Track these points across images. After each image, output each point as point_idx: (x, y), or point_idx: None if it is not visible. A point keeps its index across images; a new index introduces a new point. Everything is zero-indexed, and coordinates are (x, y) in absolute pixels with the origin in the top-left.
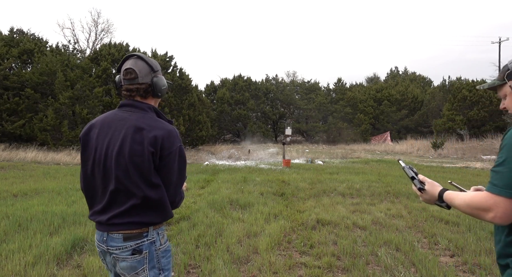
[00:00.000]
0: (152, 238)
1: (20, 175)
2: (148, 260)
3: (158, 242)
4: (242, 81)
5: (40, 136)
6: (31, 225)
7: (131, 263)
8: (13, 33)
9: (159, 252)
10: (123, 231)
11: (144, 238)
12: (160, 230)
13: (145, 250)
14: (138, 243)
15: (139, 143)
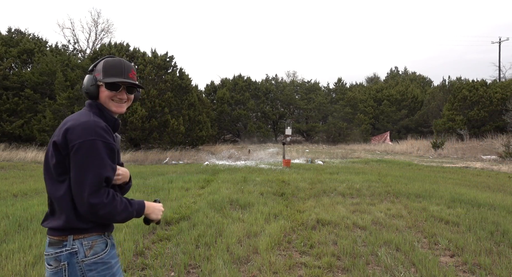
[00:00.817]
0: (73, 249)
1: (20, 175)
2: (68, 274)
3: (82, 253)
4: (242, 81)
5: (39, 137)
6: (31, 225)
7: (49, 274)
8: (11, 33)
9: (83, 265)
10: (48, 236)
11: (63, 248)
12: (85, 240)
13: (63, 261)
14: (57, 252)
15: (55, 136)
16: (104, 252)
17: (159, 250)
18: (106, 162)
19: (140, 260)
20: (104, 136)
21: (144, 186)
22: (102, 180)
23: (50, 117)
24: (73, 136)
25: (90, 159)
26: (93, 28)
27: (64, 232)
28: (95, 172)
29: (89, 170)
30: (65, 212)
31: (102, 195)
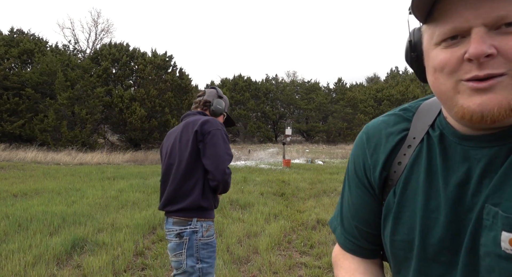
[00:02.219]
0: (195, 228)
1: (20, 175)
2: (187, 247)
3: (201, 233)
4: (242, 81)
5: (40, 136)
6: (31, 225)
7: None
8: (13, 33)
9: (199, 243)
10: (173, 217)
11: (187, 226)
12: (205, 223)
13: (186, 236)
14: (182, 229)
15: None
16: (213, 237)
17: (159, 250)
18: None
19: (140, 260)
20: (224, 129)
21: (144, 186)
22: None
23: (52, 117)
24: (208, 126)
25: (222, 143)
26: (93, 28)
27: (191, 213)
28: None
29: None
30: (194, 195)
31: (228, 169)
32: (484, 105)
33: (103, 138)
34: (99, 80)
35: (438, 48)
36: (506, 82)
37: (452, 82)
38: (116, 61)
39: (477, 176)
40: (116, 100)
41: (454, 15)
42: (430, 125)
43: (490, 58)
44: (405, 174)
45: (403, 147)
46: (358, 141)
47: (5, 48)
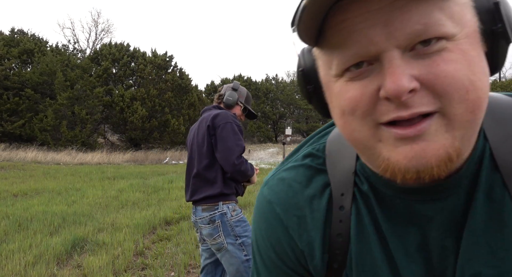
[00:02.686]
0: (223, 211)
1: (20, 175)
2: (222, 229)
3: (229, 214)
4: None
5: (40, 136)
6: (31, 225)
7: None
8: (14, 33)
9: (232, 222)
10: (201, 205)
11: (216, 211)
12: (230, 205)
13: (217, 220)
14: (211, 214)
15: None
16: (242, 213)
17: (159, 250)
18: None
19: (140, 260)
20: (236, 121)
21: (144, 186)
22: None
23: (51, 117)
24: (219, 120)
25: (233, 135)
26: (93, 28)
27: (216, 199)
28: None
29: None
30: (217, 184)
31: (241, 157)
32: (418, 159)
33: (103, 138)
34: (99, 80)
35: (341, 81)
36: (439, 123)
37: (369, 128)
38: (116, 61)
39: (438, 240)
40: (117, 99)
41: (354, 36)
42: (353, 173)
43: (413, 93)
44: (354, 249)
45: (334, 212)
46: (270, 217)
47: (6, 48)
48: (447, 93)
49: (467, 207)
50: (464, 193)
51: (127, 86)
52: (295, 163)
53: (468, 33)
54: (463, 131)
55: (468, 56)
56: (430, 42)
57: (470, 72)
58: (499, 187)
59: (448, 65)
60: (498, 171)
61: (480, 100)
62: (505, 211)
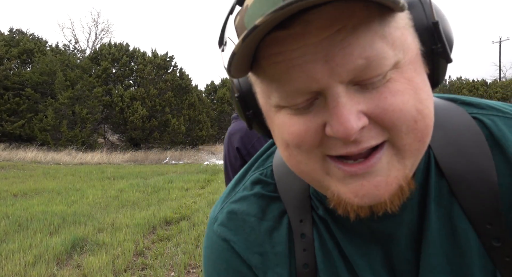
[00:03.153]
0: None
1: (20, 175)
2: None
3: None
4: None
5: (40, 136)
6: (31, 225)
7: None
8: (13, 33)
9: None
10: None
11: None
12: None
13: None
14: None
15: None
16: None
17: (159, 250)
18: None
19: (140, 260)
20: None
21: (144, 186)
22: None
23: (51, 117)
24: (234, 138)
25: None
26: (93, 28)
27: None
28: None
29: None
30: None
31: None
32: (370, 197)
33: (103, 138)
34: (99, 80)
35: (283, 113)
36: (389, 154)
37: (316, 160)
38: (115, 61)
39: (401, 255)
40: (116, 99)
41: (293, 71)
42: (308, 197)
43: (361, 130)
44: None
45: (296, 241)
46: (229, 257)
47: (6, 48)
48: (395, 126)
49: (422, 219)
50: (416, 204)
51: (126, 86)
52: (244, 192)
53: (411, 58)
54: (413, 159)
55: (413, 83)
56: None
57: (418, 101)
58: (447, 193)
59: (395, 97)
60: (443, 177)
61: (427, 128)
62: (454, 216)
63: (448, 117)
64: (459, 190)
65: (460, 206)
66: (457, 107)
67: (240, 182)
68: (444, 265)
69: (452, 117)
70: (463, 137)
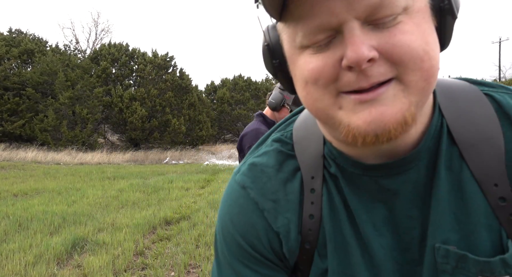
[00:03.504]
0: None
1: (21, 175)
2: None
3: None
4: (242, 81)
5: (41, 136)
6: (32, 225)
7: None
8: (12, 34)
9: None
10: None
11: None
12: None
13: None
14: None
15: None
16: None
17: (159, 250)
18: None
19: (140, 260)
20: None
21: (144, 186)
22: None
23: (52, 117)
24: (245, 142)
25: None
26: (93, 28)
27: None
28: None
29: None
30: None
31: None
32: (377, 122)
33: (103, 138)
34: (99, 80)
35: (306, 53)
36: (396, 89)
37: (330, 96)
38: (115, 61)
39: (404, 211)
40: (116, 100)
41: (316, 8)
42: (322, 157)
43: (372, 63)
44: (327, 228)
45: (306, 194)
46: (243, 202)
47: (6, 48)
48: (403, 61)
49: (428, 180)
50: (424, 166)
51: (126, 86)
52: (266, 148)
53: (420, 7)
54: (418, 98)
55: (421, 28)
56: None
57: (424, 43)
58: (457, 159)
59: (404, 35)
60: (455, 144)
61: (433, 69)
62: (464, 180)
63: (460, 92)
64: (469, 155)
65: (469, 170)
66: (470, 85)
67: (263, 142)
68: (452, 223)
69: (465, 92)
70: (474, 109)
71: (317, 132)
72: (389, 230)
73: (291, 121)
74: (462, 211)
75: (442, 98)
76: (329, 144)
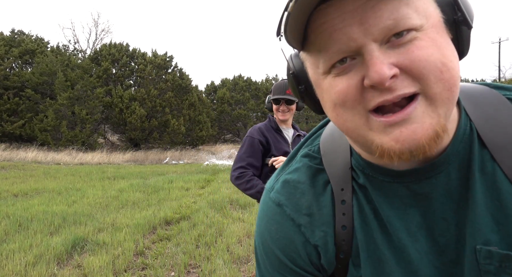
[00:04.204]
0: None
1: (21, 175)
2: None
3: None
4: (242, 81)
5: (41, 136)
6: (32, 225)
7: None
8: (14, 34)
9: None
10: None
11: None
12: None
13: None
14: None
15: None
16: None
17: (159, 250)
18: (244, 153)
19: (141, 260)
20: (253, 133)
21: (144, 186)
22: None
23: (52, 117)
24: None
25: (240, 148)
26: (94, 28)
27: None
28: (237, 157)
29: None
30: None
31: (235, 170)
32: (409, 141)
33: (103, 138)
34: (99, 81)
35: (329, 77)
36: (423, 104)
37: (360, 117)
38: (116, 62)
39: (437, 213)
40: (116, 100)
41: (334, 35)
42: (350, 169)
43: (394, 79)
44: (359, 238)
45: (337, 206)
46: (280, 219)
47: (6, 48)
48: (423, 75)
49: (461, 182)
50: (454, 169)
51: (126, 86)
52: (296, 165)
53: (434, 23)
54: (445, 108)
55: (437, 42)
56: (402, 34)
57: (441, 55)
58: (489, 161)
59: (421, 51)
60: (485, 147)
61: (454, 78)
62: (498, 181)
63: (484, 97)
64: (500, 157)
65: (502, 171)
66: (491, 90)
67: (293, 158)
68: (491, 224)
69: (488, 97)
70: (500, 113)
71: (343, 144)
72: (423, 235)
73: (317, 135)
74: (500, 212)
75: (467, 104)
76: (357, 155)
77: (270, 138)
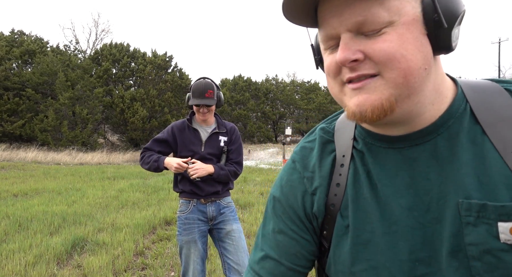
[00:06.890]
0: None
1: (21, 175)
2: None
3: (179, 208)
4: (242, 81)
5: (41, 136)
6: (32, 225)
7: None
8: (14, 34)
9: (177, 216)
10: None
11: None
12: (180, 200)
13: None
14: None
15: None
16: (183, 213)
17: (159, 250)
18: (154, 139)
19: (140, 260)
20: (168, 128)
21: (144, 186)
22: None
23: (52, 117)
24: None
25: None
26: (94, 28)
27: (179, 195)
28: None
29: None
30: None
31: (143, 151)
32: (360, 106)
33: (103, 138)
34: (99, 81)
35: (327, 53)
36: (378, 82)
37: (338, 85)
38: (116, 62)
39: (423, 174)
40: (117, 100)
41: (325, 22)
42: (352, 139)
43: (358, 62)
44: (350, 194)
45: (336, 168)
46: (291, 171)
47: (7, 48)
48: (381, 62)
49: (448, 149)
50: (443, 139)
51: (126, 86)
52: (313, 136)
53: (406, 20)
54: (399, 91)
55: (403, 37)
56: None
57: (402, 49)
58: (480, 134)
59: (384, 43)
60: (478, 123)
61: (410, 69)
62: (486, 149)
63: (484, 86)
64: (490, 131)
65: (491, 142)
66: (491, 82)
67: (314, 130)
68: (475, 184)
69: (487, 86)
70: (495, 98)
71: (352, 122)
72: (410, 193)
73: (338, 114)
74: (484, 174)
75: (468, 90)
76: (359, 126)
77: (180, 138)
